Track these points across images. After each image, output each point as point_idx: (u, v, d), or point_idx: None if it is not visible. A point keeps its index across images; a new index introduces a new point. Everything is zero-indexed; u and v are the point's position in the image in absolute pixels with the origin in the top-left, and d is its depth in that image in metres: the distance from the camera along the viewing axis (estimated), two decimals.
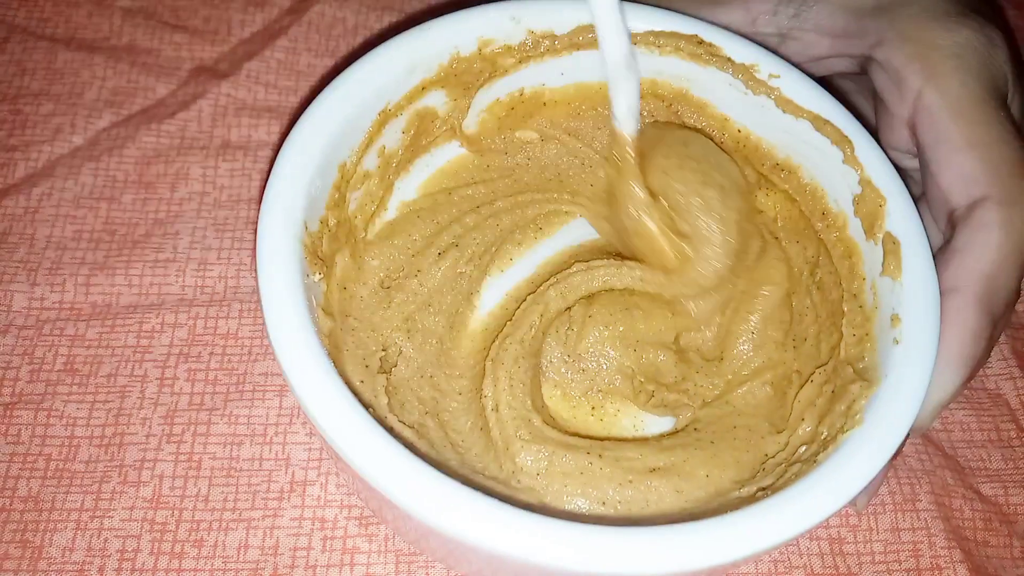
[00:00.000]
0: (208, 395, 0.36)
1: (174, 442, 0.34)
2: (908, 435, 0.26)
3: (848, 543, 0.34)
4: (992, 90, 0.32)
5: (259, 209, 0.29)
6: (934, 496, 0.35)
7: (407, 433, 0.30)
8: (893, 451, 0.26)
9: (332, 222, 0.32)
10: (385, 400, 0.30)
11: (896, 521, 0.34)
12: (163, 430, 0.35)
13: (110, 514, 0.33)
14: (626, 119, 0.33)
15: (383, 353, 0.32)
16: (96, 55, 0.44)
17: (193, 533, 0.33)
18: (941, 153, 0.32)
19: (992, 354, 0.39)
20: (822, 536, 0.34)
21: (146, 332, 0.37)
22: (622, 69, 0.32)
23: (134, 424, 0.35)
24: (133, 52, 0.45)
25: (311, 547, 0.33)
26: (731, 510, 0.25)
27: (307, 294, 0.28)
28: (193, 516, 0.33)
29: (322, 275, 0.31)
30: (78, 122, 0.42)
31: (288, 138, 0.31)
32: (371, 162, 0.34)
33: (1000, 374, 0.39)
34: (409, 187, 0.37)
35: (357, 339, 0.32)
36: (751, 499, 0.27)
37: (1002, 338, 0.40)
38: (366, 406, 0.26)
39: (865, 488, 0.26)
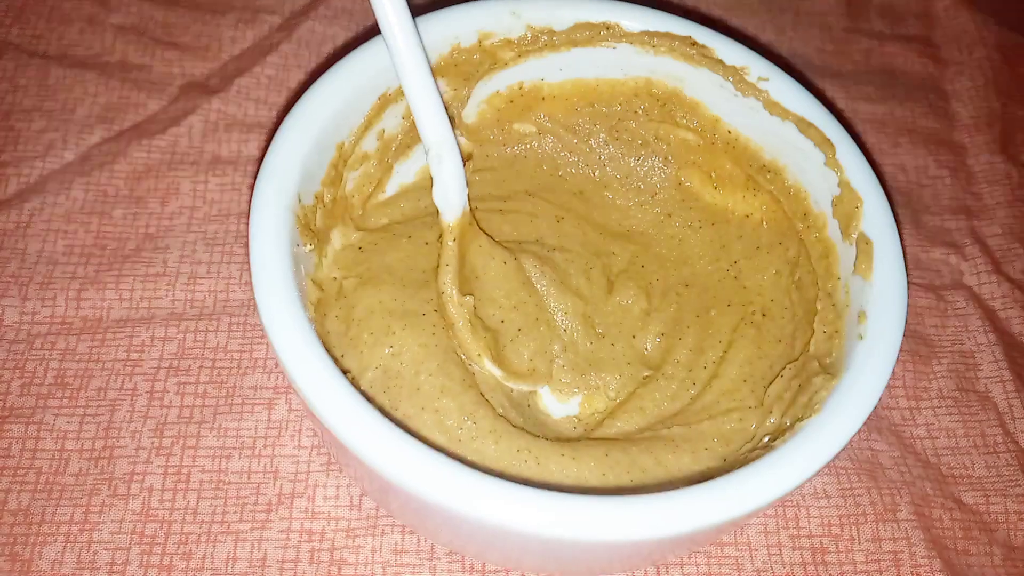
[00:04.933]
0: (197, 408, 0.36)
1: (163, 455, 0.35)
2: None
3: (830, 552, 0.34)
4: None
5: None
6: (914, 507, 0.35)
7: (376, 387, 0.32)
8: (847, 439, 0.27)
9: (327, 198, 0.33)
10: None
11: (877, 531, 0.35)
12: (153, 443, 0.35)
13: (99, 527, 0.33)
14: (445, 204, 0.33)
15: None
16: (88, 72, 0.45)
17: (182, 546, 0.33)
18: None
19: (983, 356, 0.40)
20: (805, 546, 0.34)
21: (136, 346, 0.37)
22: (440, 151, 0.33)
23: (124, 437, 0.35)
24: (125, 68, 0.45)
25: (299, 559, 0.33)
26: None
27: (295, 262, 0.29)
28: (182, 529, 0.33)
29: (313, 247, 0.32)
30: (70, 138, 0.43)
31: (288, 115, 0.32)
32: (370, 144, 0.35)
33: (991, 376, 0.40)
34: (409, 171, 0.38)
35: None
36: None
37: (994, 339, 0.40)
38: (345, 371, 0.27)
39: None
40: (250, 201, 0.30)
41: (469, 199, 0.34)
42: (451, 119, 0.37)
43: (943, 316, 0.41)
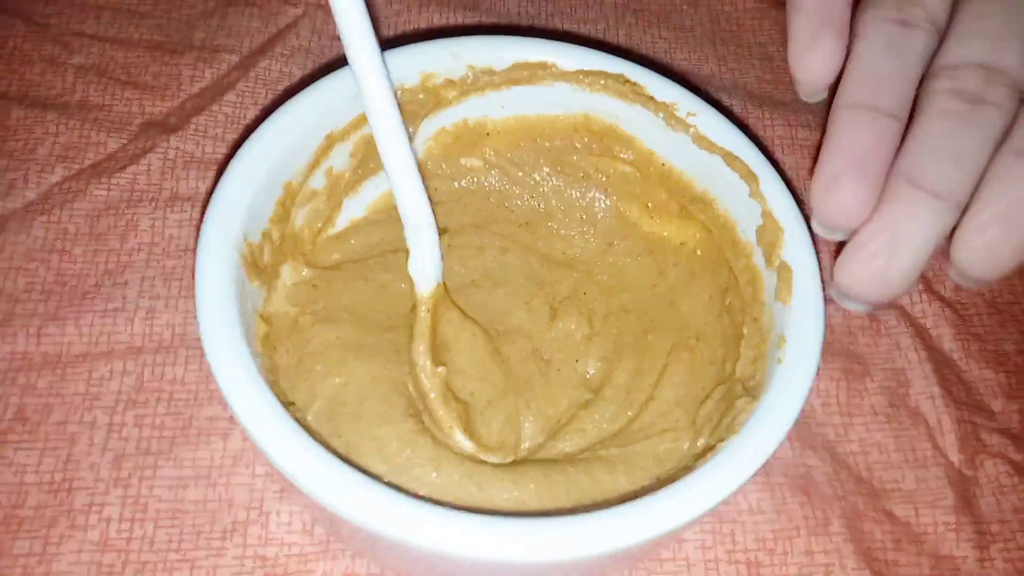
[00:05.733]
0: (155, 439, 0.37)
1: (121, 486, 0.36)
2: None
3: (765, 566, 0.36)
4: None
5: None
6: (846, 520, 0.37)
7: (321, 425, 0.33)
8: (764, 459, 0.28)
9: (276, 235, 0.35)
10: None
11: (809, 544, 0.36)
12: (111, 475, 0.36)
13: (57, 558, 0.34)
14: (422, 276, 0.35)
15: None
16: (49, 112, 0.46)
17: (139, 574, 0.34)
18: None
19: (914, 373, 0.42)
20: (741, 560, 0.36)
21: (96, 380, 0.38)
22: (419, 226, 0.35)
23: (83, 470, 0.36)
24: (85, 108, 0.47)
25: None
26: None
27: (242, 299, 0.31)
28: (139, 558, 0.34)
29: (261, 283, 0.34)
30: (31, 177, 0.44)
31: (235, 156, 0.33)
32: (318, 181, 0.37)
33: (921, 392, 0.41)
34: (358, 206, 0.40)
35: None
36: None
37: (924, 356, 0.42)
38: (291, 403, 0.28)
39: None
40: (196, 241, 0.31)
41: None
42: None
43: (876, 335, 0.43)
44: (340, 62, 0.50)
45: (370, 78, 0.32)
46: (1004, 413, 0.41)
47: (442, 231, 0.36)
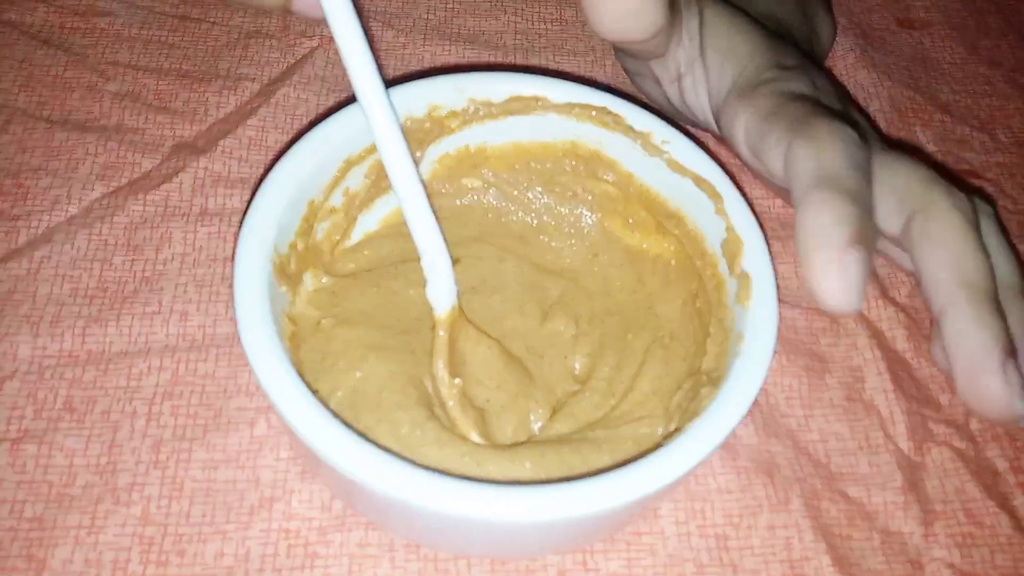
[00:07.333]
0: (189, 427, 0.41)
1: (160, 468, 0.40)
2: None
3: (732, 539, 0.40)
4: None
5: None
6: (804, 499, 0.41)
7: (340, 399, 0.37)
8: (722, 438, 0.32)
9: (300, 247, 0.39)
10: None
11: (771, 520, 0.41)
12: (150, 458, 0.40)
13: (104, 530, 0.38)
14: (438, 300, 0.40)
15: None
16: (88, 134, 0.51)
17: (176, 545, 0.38)
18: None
19: (870, 370, 0.46)
20: (710, 534, 0.40)
21: (135, 375, 0.43)
22: (434, 258, 0.39)
23: (125, 454, 0.40)
24: (121, 131, 0.51)
25: (277, 553, 0.38)
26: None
27: (273, 302, 0.35)
28: (176, 530, 0.39)
29: (288, 288, 0.38)
30: (73, 194, 0.49)
31: (266, 178, 0.38)
32: (337, 200, 0.41)
33: (875, 387, 0.46)
34: (372, 220, 0.44)
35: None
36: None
37: (879, 355, 0.47)
38: (315, 391, 0.33)
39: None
40: (234, 250, 0.36)
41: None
42: None
43: (836, 336, 0.48)
44: (350, 91, 0.55)
45: (392, 155, 0.37)
46: (950, 406, 0.46)
47: (455, 260, 0.40)
